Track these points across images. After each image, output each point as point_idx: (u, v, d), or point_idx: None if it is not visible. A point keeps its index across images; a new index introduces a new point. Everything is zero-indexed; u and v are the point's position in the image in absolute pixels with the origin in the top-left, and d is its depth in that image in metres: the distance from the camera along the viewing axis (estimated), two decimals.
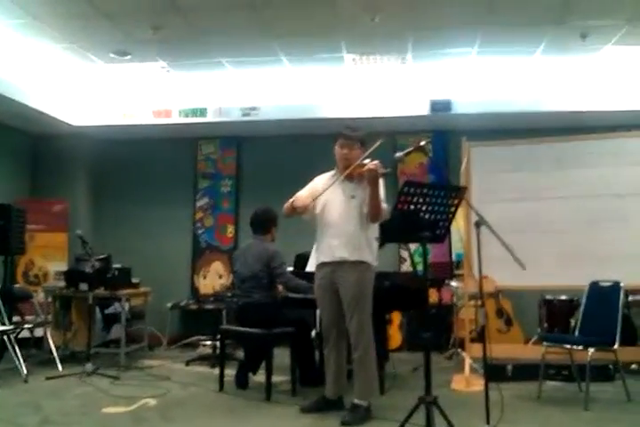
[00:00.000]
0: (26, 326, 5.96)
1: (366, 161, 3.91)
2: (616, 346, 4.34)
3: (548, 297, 6.22)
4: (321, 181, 4.23)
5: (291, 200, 4.08)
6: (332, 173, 4.23)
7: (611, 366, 5.02)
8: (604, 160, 5.50)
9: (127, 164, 8.25)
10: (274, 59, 6.25)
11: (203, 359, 6.30)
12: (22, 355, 5.44)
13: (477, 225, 3.52)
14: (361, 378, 4.01)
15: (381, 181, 3.94)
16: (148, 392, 4.80)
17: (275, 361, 4.77)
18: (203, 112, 7.42)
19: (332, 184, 4.00)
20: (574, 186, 5.53)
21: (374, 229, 4.10)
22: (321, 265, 4.17)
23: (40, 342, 6.28)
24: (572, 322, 5.83)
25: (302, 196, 4.07)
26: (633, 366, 5.31)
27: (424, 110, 7.07)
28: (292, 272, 5.16)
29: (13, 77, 6.38)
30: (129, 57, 6.19)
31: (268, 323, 4.70)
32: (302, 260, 5.35)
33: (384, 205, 3.98)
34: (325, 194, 4.06)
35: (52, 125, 7.46)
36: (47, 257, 7.52)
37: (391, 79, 6.86)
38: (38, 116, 7.06)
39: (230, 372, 5.11)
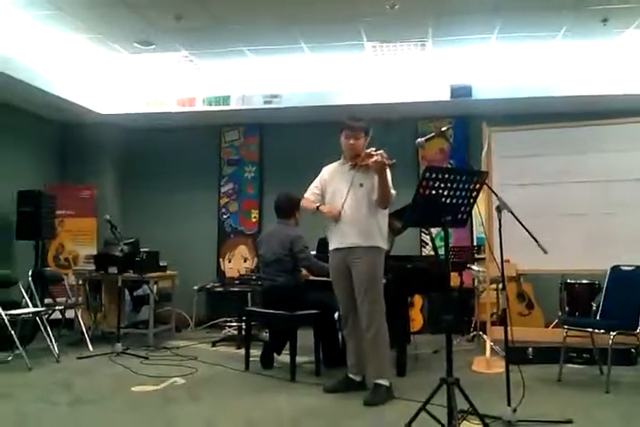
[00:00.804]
0: (57, 307, 6.10)
1: (370, 150, 4.00)
2: (638, 330, 4.33)
3: (570, 281, 6.22)
4: (329, 172, 4.35)
5: (311, 200, 4.29)
6: (340, 162, 4.32)
7: (633, 350, 5.02)
8: (624, 144, 5.45)
9: (153, 151, 8.36)
10: (295, 46, 6.27)
11: (228, 340, 6.43)
12: (54, 336, 5.59)
13: (498, 209, 3.52)
14: (375, 357, 4.09)
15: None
16: (176, 372, 4.92)
17: (299, 342, 4.84)
18: (226, 100, 7.48)
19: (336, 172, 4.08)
20: (595, 170, 5.49)
21: (384, 214, 4.21)
22: (334, 251, 4.26)
23: (71, 324, 6.45)
24: (594, 306, 5.81)
25: (328, 207, 4.20)
26: None
27: (445, 96, 7.06)
28: (315, 256, 5.24)
29: (42, 68, 6.49)
30: (152, 47, 6.25)
31: (292, 305, 4.78)
32: (325, 244, 5.41)
33: (392, 191, 4.07)
34: (334, 184, 4.21)
35: (79, 114, 7.57)
36: (77, 241, 7.68)
37: (411, 65, 6.84)
38: (66, 105, 7.18)
39: (255, 352, 5.21)
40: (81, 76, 7.12)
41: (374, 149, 4.00)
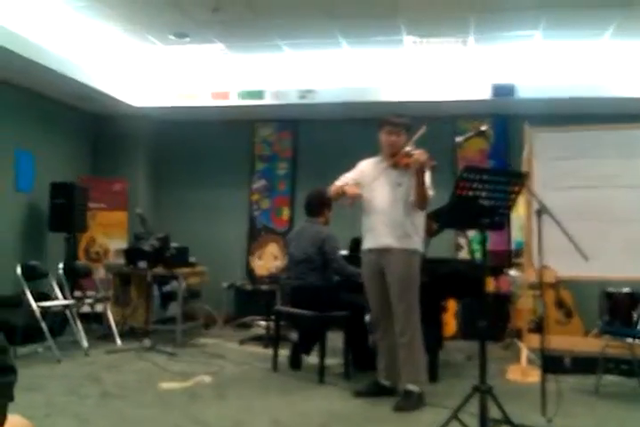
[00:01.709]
0: (87, 301, 6.14)
1: (410, 149, 3.88)
2: None
3: (610, 289, 6.07)
4: (367, 167, 4.22)
5: (339, 184, 4.10)
6: (378, 158, 4.20)
7: None
8: None
9: (185, 145, 8.36)
10: (332, 41, 6.20)
11: (256, 339, 6.38)
12: (83, 329, 5.63)
13: (539, 213, 3.48)
14: (409, 363, 4.00)
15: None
16: (204, 369, 4.91)
17: (328, 344, 4.79)
18: (260, 94, 7.42)
19: (374, 168, 4.00)
20: (638, 175, 5.34)
21: (421, 216, 4.10)
22: (367, 251, 4.16)
23: (100, 318, 6.45)
24: (635, 315, 5.68)
25: (352, 186, 4.03)
26: None
27: (485, 94, 6.91)
28: (347, 256, 5.16)
29: (77, 58, 6.50)
30: (187, 39, 6.24)
31: (322, 306, 4.71)
32: (358, 243, 5.33)
33: (430, 193, 3.95)
34: (371, 182, 4.07)
35: (113, 106, 7.59)
36: (108, 235, 7.71)
37: (452, 62, 6.73)
38: (100, 97, 7.19)
39: (284, 352, 5.16)
40: (115, 68, 7.13)
41: (413, 147, 3.89)
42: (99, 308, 6.36)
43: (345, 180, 4.16)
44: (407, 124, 4.10)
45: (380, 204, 4.05)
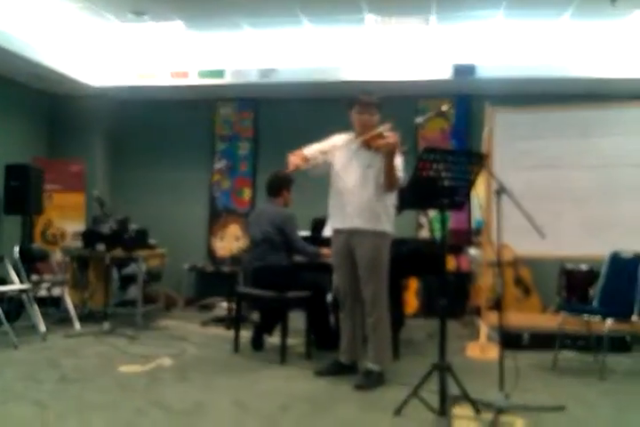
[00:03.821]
0: (44, 284, 6.04)
1: (382, 130, 3.84)
2: (634, 318, 4.31)
3: (568, 267, 6.20)
4: (339, 141, 4.13)
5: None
6: (350, 137, 4.13)
7: (628, 338, 5.01)
8: (629, 129, 5.40)
9: (145, 125, 8.22)
10: (293, 19, 6.11)
11: (218, 321, 6.36)
12: (40, 313, 5.52)
13: (498, 193, 3.48)
14: (375, 343, 4.04)
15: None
16: (164, 352, 4.87)
17: (290, 324, 4.80)
18: (220, 73, 7.33)
19: (345, 147, 3.97)
20: (598, 155, 5.43)
21: (391, 197, 4.08)
22: (337, 231, 4.15)
23: (58, 301, 6.36)
24: (591, 292, 5.81)
25: (296, 156, 3.92)
26: None
27: (447, 74, 6.92)
28: (309, 237, 5.15)
29: (32, 37, 6.31)
30: (146, 16, 6.09)
31: (283, 286, 4.71)
32: (319, 224, 5.34)
33: (400, 175, 3.94)
34: (341, 161, 4.04)
35: (69, 85, 7.42)
36: (65, 217, 7.57)
37: (413, 41, 6.71)
38: (56, 76, 7.02)
39: (246, 334, 5.16)
40: (71, 47, 6.94)
41: (387, 127, 3.85)
42: (56, 292, 6.26)
43: (311, 148, 4.07)
44: (378, 102, 4.07)
45: (351, 184, 4.03)
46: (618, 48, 6.59)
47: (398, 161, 3.91)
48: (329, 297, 5.15)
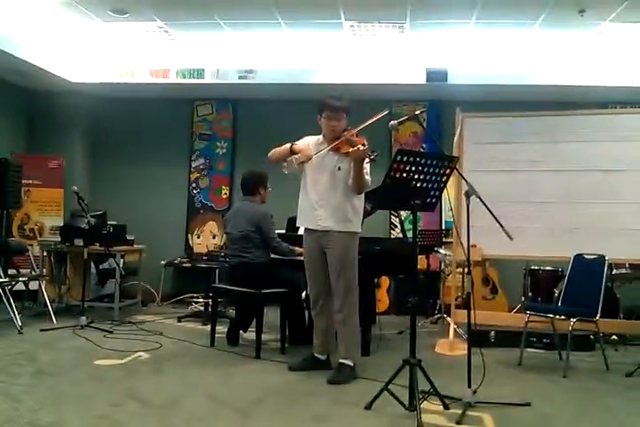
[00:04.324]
0: (21, 278, 6.01)
1: (351, 135, 3.92)
2: (598, 317, 4.43)
3: (534, 267, 6.34)
4: (310, 143, 4.20)
5: (288, 146, 4.08)
6: (320, 139, 4.21)
7: (591, 336, 5.12)
8: (595, 136, 5.50)
9: (124, 122, 8.23)
10: (272, 22, 6.18)
11: (195, 316, 6.43)
12: (17, 307, 5.52)
13: (467, 195, 3.53)
14: (345, 338, 4.13)
15: None
16: (141, 346, 4.91)
17: (265, 320, 4.87)
18: (200, 73, 7.37)
19: (319, 151, 4.04)
20: (564, 160, 5.54)
21: (359, 198, 4.17)
22: (308, 231, 4.24)
23: (35, 296, 6.37)
24: (556, 292, 5.92)
25: (306, 149, 4.05)
26: (613, 337, 5.41)
27: (420, 79, 7.04)
28: (284, 234, 5.23)
29: (11, 32, 6.29)
30: (126, 15, 6.11)
31: (259, 283, 4.78)
32: (295, 222, 5.41)
33: (367, 178, 4.03)
34: (311, 163, 4.09)
35: (49, 81, 7.39)
36: (43, 212, 7.56)
37: (389, 47, 6.82)
38: (35, 72, 6.98)
39: (221, 329, 5.23)
40: (51, 43, 6.92)
41: (354, 133, 3.93)
42: (33, 286, 6.26)
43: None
44: (347, 107, 4.12)
45: (321, 186, 4.11)
46: (585, 57, 6.77)
47: (366, 166, 3.99)
48: (303, 294, 5.25)
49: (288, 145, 4.10)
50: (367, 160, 3.90)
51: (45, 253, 6.60)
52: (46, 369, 4.14)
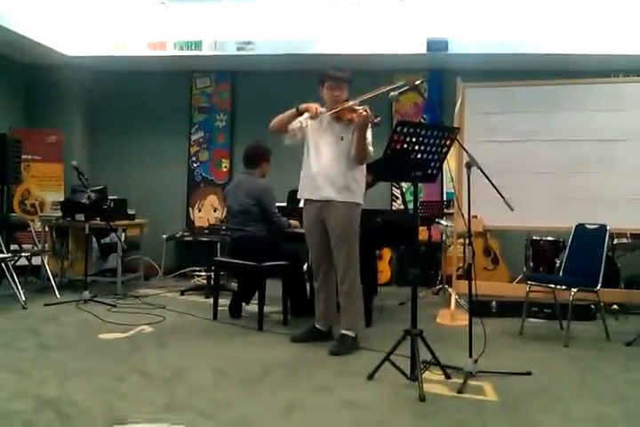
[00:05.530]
0: (23, 254, 6.05)
1: (354, 103, 3.90)
2: (598, 287, 4.44)
3: (535, 237, 6.35)
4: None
5: (293, 109, 4.07)
6: (322, 110, 4.15)
7: (592, 306, 5.15)
8: (595, 105, 5.45)
9: (123, 96, 8.16)
10: None
11: (197, 289, 6.46)
12: (20, 282, 5.54)
13: (468, 166, 3.52)
14: (348, 310, 4.15)
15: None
16: (144, 320, 4.94)
17: (267, 292, 4.88)
18: (198, 45, 7.28)
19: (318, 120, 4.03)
20: (565, 129, 5.50)
21: (362, 169, 4.15)
22: (308, 201, 4.23)
23: (37, 271, 6.39)
24: (557, 262, 5.96)
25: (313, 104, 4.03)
26: (614, 306, 5.42)
27: (421, 49, 6.95)
28: (285, 207, 5.22)
29: (6, 6, 6.20)
30: None
31: (261, 256, 4.78)
32: (296, 195, 5.40)
33: (370, 148, 4.02)
34: (314, 133, 4.10)
35: (45, 55, 7.32)
36: (43, 187, 7.55)
37: (389, 16, 6.72)
38: (32, 45, 6.91)
39: (224, 302, 5.24)
40: (47, 16, 6.83)
41: (357, 102, 3.91)
42: (36, 261, 6.28)
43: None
44: (349, 77, 4.12)
45: (323, 156, 4.09)
46: (588, 26, 6.64)
47: (369, 135, 3.98)
48: (305, 266, 5.26)
49: (294, 109, 4.08)
50: (370, 125, 3.87)
51: (47, 229, 6.60)
52: (51, 343, 4.16)
